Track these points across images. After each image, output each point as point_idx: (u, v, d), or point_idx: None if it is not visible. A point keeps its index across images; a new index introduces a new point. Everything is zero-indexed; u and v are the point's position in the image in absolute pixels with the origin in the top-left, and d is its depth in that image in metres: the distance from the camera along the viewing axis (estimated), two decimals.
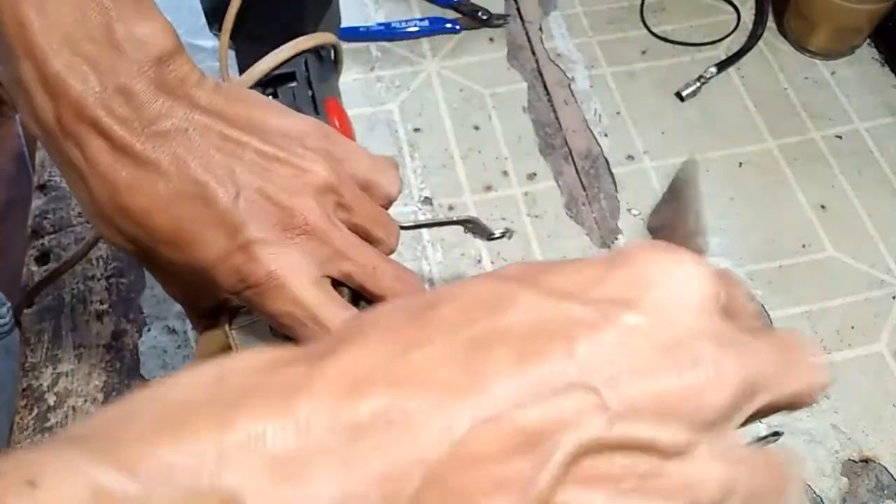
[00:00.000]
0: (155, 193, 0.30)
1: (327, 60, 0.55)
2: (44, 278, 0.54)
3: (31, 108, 0.29)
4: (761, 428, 0.50)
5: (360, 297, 0.34)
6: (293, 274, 0.31)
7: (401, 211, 0.59)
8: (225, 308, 0.36)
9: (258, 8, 0.51)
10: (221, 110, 0.32)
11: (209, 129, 0.31)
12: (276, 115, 0.33)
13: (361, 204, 0.34)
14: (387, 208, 0.37)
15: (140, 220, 0.30)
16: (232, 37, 0.50)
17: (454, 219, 0.47)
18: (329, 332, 0.31)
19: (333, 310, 0.32)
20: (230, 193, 0.30)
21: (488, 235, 0.54)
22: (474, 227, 0.54)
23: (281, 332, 0.32)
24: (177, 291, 0.35)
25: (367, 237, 0.34)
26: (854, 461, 0.49)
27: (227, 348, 0.35)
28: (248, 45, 0.52)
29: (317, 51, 0.53)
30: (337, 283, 0.34)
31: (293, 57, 0.49)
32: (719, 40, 0.71)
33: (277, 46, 0.49)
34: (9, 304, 0.54)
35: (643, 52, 0.70)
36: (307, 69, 0.50)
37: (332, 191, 0.32)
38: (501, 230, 0.53)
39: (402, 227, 0.38)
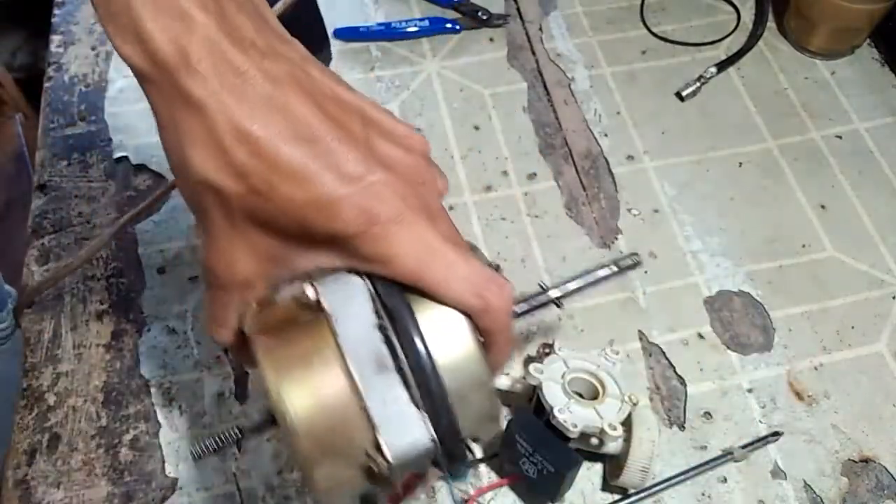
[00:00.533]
0: (277, 124, 0.28)
1: None
2: (45, 279, 0.54)
3: (137, 36, 0.28)
4: (761, 428, 0.50)
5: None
6: (418, 215, 0.30)
7: None
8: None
9: None
10: (323, 69, 0.31)
11: (322, 82, 0.31)
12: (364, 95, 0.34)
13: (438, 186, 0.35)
14: None
15: (265, 147, 0.28)
16: None
17: None
18: (455, 266, 0.30)
19: (456, 248, 0.31)
20: (352, 139, 0.30)
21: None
22: (476, 256, 0.55)
23: (397, 277, 0.31)
24: (244, 260, 0.32)
25: None
26: (854, 461, 0.49)
27: (294, 320, 0.32)
28: None
29: None
30: None
31: None
32: (719, 40, 0.71)
33: None
34: (10, 308, 0.53)
35: (643, 52, 0.70)
36: None
37: (429, 160, 0.33)
38: (494, 266, 0.56)
39: None
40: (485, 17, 0.71)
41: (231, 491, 0.47)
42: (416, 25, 0.70)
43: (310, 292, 0.31)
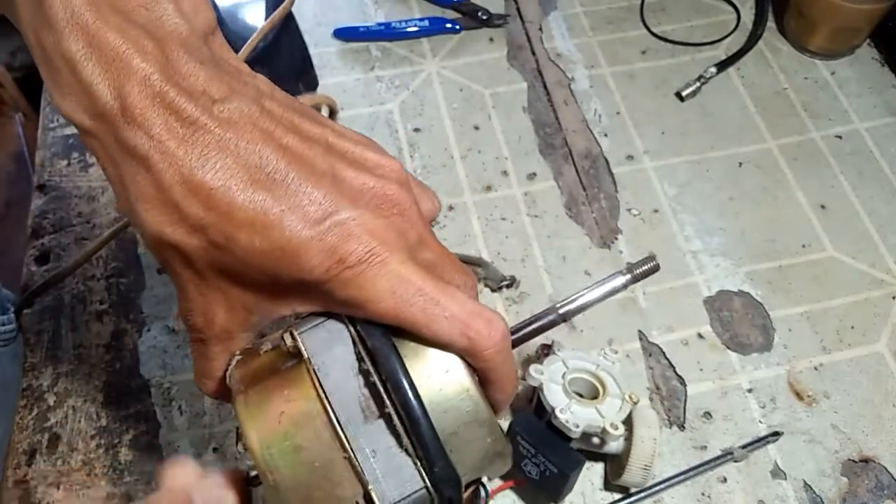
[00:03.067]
0: (233, 170, 0.26)
1: None
2: (44, 281, 0.54)
3: (77, 89, 0.26)
4: (761, 428, 0.50)
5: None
6: (393, 250, 0.28)
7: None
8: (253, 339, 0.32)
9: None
10: (288, 103, 0.30)
11: (283, 117, 0.28)
12: (332, 121, 0.32)
13: (420, 210, 0.32)
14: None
15: (217, 199, 0.26)
16: None
17: (464, 257, 0.46)
18: (438, 305, 0.28)
19: (438, 285, 0.29)
20: (315, 174, 0.28)
21: (498, 284, 0.55)
22: (486, 272, 0.55)
23: (375, 319, 0.29)
24: (220, 312, 0.30)
25: None
26: (854, 461, 0.49)
27: (275, 368, 0.30)
28: None
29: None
30: None
31: None
32: (719, 40, 0.71)
33: None
34: (13, 311, 0.53)
35: (643, 52, 0.70)
36: None
37: (407, 186, 0.31)
38: (508, 279, 0.56)
39: None
40: (485, 17, 0.71)
41: None
42: (416, 25, 0.70)
43: (288, 340, 0.30)
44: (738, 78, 0.68)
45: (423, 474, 0.28)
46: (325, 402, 0.28)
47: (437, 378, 0.29)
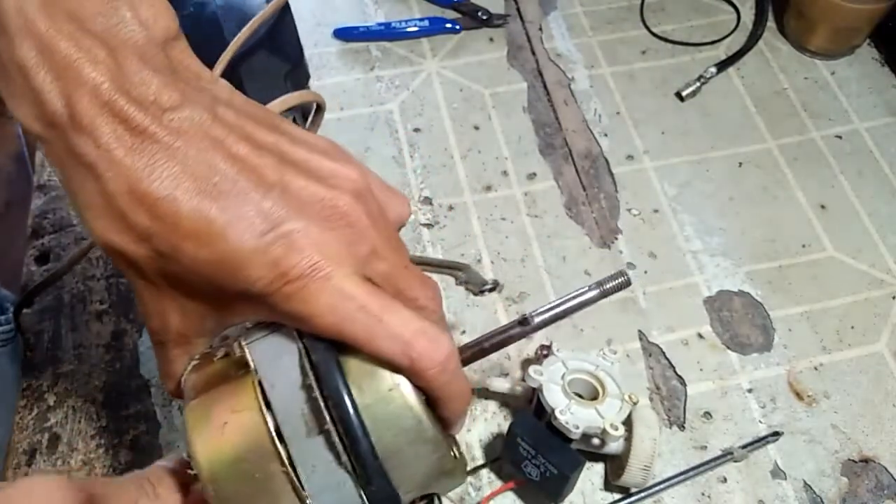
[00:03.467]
0: (180, 179, 0.26)
1: (305, 118, 0.56)
2: (43, 280, 0.53)
3: (29, 96, 0.26)
4: (761, 428, 0.50)
5: None
6: (337, 264, 0.28)
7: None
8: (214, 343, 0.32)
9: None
10: (246, 110, 0.29)
11: (234, 124, 0.28)
12: (296, 127, 0.31)
13: (385, 219, 0.31)
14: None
15: (162, 209, 0.26)
16: None
17: (444, 262, 0.45)
18: (380, 323, 0.28)
19: (383, 301, 0.28)
20: (264, 184, 0.27)
21: (479, 288, 0.54)
22: (467, 276, 0.54)
23: (316, 333, 0.28)
24: (175, 317, 0.31)
25: None
26: (854, 461, 0.49)
27: (226, 376, 0.30)
28: None
29: (303, 109, 0.54)
30: None
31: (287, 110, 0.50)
32: (719, 40, 0.71)
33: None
34: (11, 311, 0.53)
35: (643, 52, 0.70)
36: (295, 122, 0.51)
37: (363, 196, 0.30)
38: (491, 283, 0.54)
39: None
40: (485, 17, 0.71)
41: None
42: (416, 25, 0.70)
43: (237, 349, 0.30)
44: (738, 78, 0.68)
45: (361, 492, 0.28)
46: (267, 414, 0.28)
47: (381, 395, 0.28)
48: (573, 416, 0.43)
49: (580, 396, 0.46)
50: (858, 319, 0.55)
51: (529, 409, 0.47)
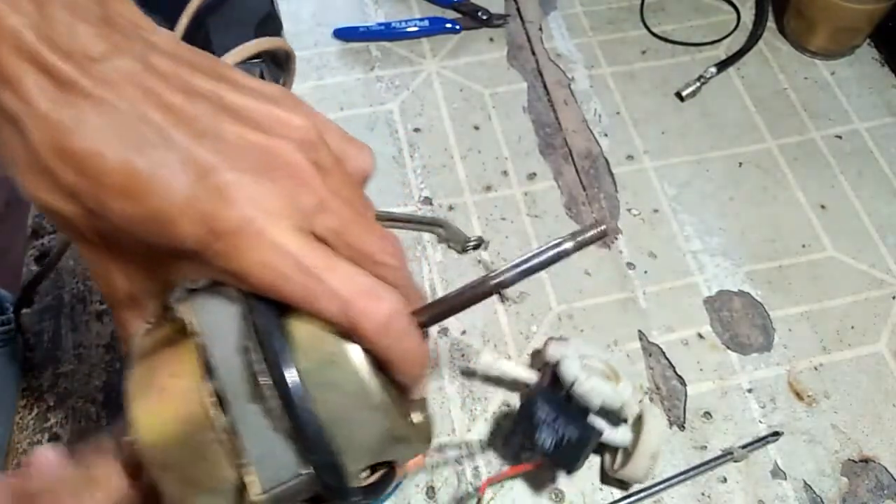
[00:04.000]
0: (106, 132, 0.25)
1: (281, 67, 0.55)
2: (36, 275, 0.53)
3: None
4: (761, 428, 0.50)
5: None
6: (273, 217, 0.26)
7: (401, 211, 0.59)
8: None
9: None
10: (185, 58, 0.27)
11: (169, 73, 0.26)
12: (243, 76, 0.29)
13: (340, 170, 0.29)
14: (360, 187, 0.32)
15: (88, 164, 0.25)
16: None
17: (423, 218, 0.42)
18: (318, 280, 0.26)
19: (323, 258, 0.26)
20: (195, 133, 0.26)
21: (462, 245, 0.51)
22: (447, 232, 0.51)
23: (254, 292, 0.27)
24: (120, 278, 0.29)
25: None
26: (854, 461, 0.49)
27: (173, 337, 0.29)
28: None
29: (274, 58, 0.52)
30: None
31: (250, 59, 0.48)
32: (719, 40, 0.71)
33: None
34: (11, 310, 0.53)
35: (643, 52, 0.70)
36: (262, 76, 0.50)
37: (312, 145, 0.28)
38: (475, 239, 0.50)
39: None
40: (485, 17, 0.71)
41: None
42: (416, 25, 0.70)
43: (178, 310, 0.28)
44: (738, 78, 0.68)
45: (300, 459, 0.27)
46: (204, 379, 0.27)
47: (324, 359, 0.27)
48: (593, 387, 0.43)
49: None
50: (858, 319, 0.55)
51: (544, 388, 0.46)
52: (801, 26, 0.69)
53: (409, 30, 0.70)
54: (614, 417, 0.45)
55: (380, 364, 0.28)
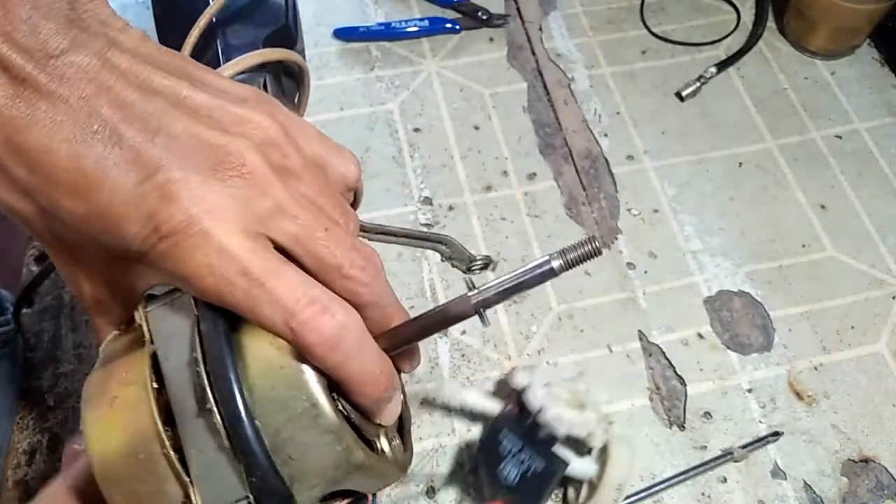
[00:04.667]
0: (57, 130, 0.24)
1: (291, 84, 0.55)
2: (36, 276, 0.53)
3: None
4: (761, 428, 0.50)
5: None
6: (220, 219, 0.24)
7: (401, 211, 0.59)
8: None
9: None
10: (148, 56, 0.27)
11: (129, 71, 0.26)
12: (214, 75, 0.28)
13: (312, 175, 0.28)
14: (350, 200, 0.31)
15: (40, 160, 0.24)
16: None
17: (425, 234, 0.40)
18: (261, 287, 0.25)
19: (270, 263, 0.25)
20: (147, 130, 0.25)
21: (467, 264, 0.49)
22: (450, 250, 0.49)
23: (203, 300, 0.25)
24: (85, 282, 0.28)
25: None
26: (854, 461, 0.49)
27: (133, 344, 0.28)
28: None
29: (287, 72, 0.52)
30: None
31: (257, 68, 0.48)
32: (719, 40, 0.71)
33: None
34: (11, 311, 0.53)
35: (643, 52, 0.70)
36: (266, 87, 0.49)
37: (276, 147, 0.27)
38: (482, 259, 0.48)
39: (364, 229, 0.31)
40: (485, 17, 0.71)
41: None
42: (416, 25, 0.70)
43: (136, 317, 0.27)
44: (738, 78, 0.68)
45: (244, 481, 0.25)
46: (151, 389, 0.26)
47: (271, 374, 0.25)
48: (559, 415, 0.42)
49: None
50: (858, 319, 0.55)
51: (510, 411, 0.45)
52: (801, 26, 0.69)
53: (409, 30, 0.70)
54: (581, 447, 0.43)
55: (336, 385, 0.26)
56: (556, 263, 0.28)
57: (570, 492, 0.47)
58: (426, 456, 0.49)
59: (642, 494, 0.47)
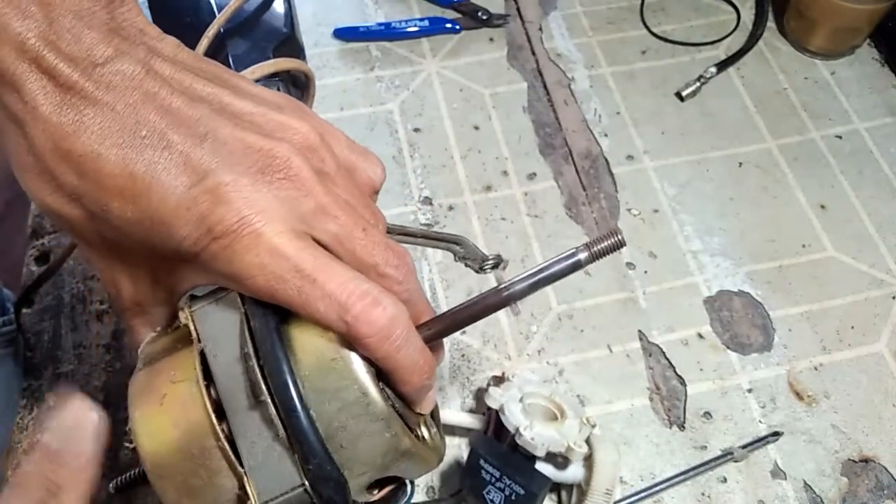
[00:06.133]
0: (105, 135, 0.25)
1: (301, 89, 0.56)
2: (38, 277, 0.53)
3: None
4: (761, 428, 0.50)
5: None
6: (270, 220, 0.25)
7: (401, 211, 0.59)
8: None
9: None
10: (188, 63, 0.28)
11: (171, 77, 0.27)
12: (249, 83, 0.29)
13: (345, 179, 0.29)
14: (376, 202, 0.32)
15: (88, 166, 0.25)
16: None
17: (440, 234, 0.42)
18: (314, 283, 0.25)
19: (319, 260, 0.26)
20: (194, 136, 0.26)
21: (480, 264, 0.50)
22: (465, 250, 0.50)
23: (253, 297, 0.26)
24: (126, 284, 0.29)
25: None
26: (854, 461, 0.49)
27: (177, 344, 0.29)
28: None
29: (294, 81, 0.53)
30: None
31: (269, 77, 0.49)
32: (719, 40, 0.71)
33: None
34: (11, 314, 0.53)
35: (643, 52, 0.70)
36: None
37: (314, 152, 0.28)
38: (493, 258, 0.50)
39: (388, 230, 0.32)
40: (485, 17, 0.71)
41: None
42: (416, 25, 0.70)
43: (181, 317, 0.28)
44: (738, 78, 0.68)
45: (300, 469, 0.26)
46: (203, 385, 0.26)
47: (323, 366, 0.26)
48: (537, 434, 0.42)
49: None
50: (858, 319, 0.55)
51: (486, 436, 0.45)
52: (801, 26, 0.69)
53: (409, 30, 0.70)
54: (562, 460, 0.43)
55: (382, 375, 0.28)
56: (582, 256, 0.30)
57: (563, 495, 0.47)
58: None
59: (642, 494, 0.47)
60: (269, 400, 0.25)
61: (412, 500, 0.30)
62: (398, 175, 0.61)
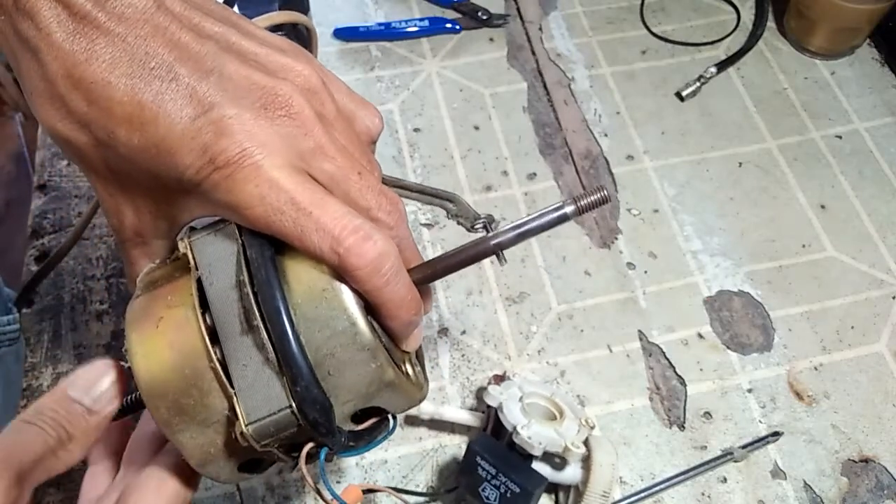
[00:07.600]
0: (115, 65, 0.26)
1: (304, 44, 0.56)
2: (36, 273, 0.53)
3: None
4: (761, 428, 0.50)
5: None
6: (270, 154, 0.26)
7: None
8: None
9: None
10: (198, 3, 0.29)
11: (182, 15, 0.28)
12: (255, 26, 0.31)
13: (344, 125, 0.30)
14: (374, 152, 0.33)
15: (98, 93, 0.26)
16: None
17: (435, 190, 0.43)
18: (309, 216, 0.27)
19: (315, 194, 0.27)
20: (201, 70, 0.27)
21: (472, 223, 0.51)
22: (458, 208, 0.51)
23: (250, 227, 0.28)
24: (129, 213, 0.30)
25: None
26: (854, 461, 0.49)
27: (175, 272, 0.30)
28: None
29: (298, 36, 0.53)
30: None
31: (275, 28, 0.49)
32: (719, 40, 0.71)
33: None
34: (16, 313, 0.53)
35: (643, 52, 0.70)
36: None
37: (315, 94, 0.29)
38: (485, 217, 0.50)
39: (384, 181, 0.33)
40: (485, 17, 0.71)
41: (231, 491, 0.47)
42: (416, 25, 0.70)
43: (181, 246, 0.29)
44: (738, 78, 0.68)
45: (288, 391, 0.27)
46: (198, 310, 0.28)
47: (314, 295, 0.27)
48: (534, 433, 0.42)
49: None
50: (858, 319, 0.55)
51: (485, 434, 0.45)
52: (801, 26, 0.69)
53: (409, 30, 0.70)
54: (559, 460, 0.43)
55: (371, 310, 0.29)
56: (569, 209, 0.31)
57: (561, 495, 0.47)
58: (426, 455, 0.49)
59: (642, 494, 0.47)
60: (261, 325, 0.27)
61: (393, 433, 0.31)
62: (398, 175, 0.61)
